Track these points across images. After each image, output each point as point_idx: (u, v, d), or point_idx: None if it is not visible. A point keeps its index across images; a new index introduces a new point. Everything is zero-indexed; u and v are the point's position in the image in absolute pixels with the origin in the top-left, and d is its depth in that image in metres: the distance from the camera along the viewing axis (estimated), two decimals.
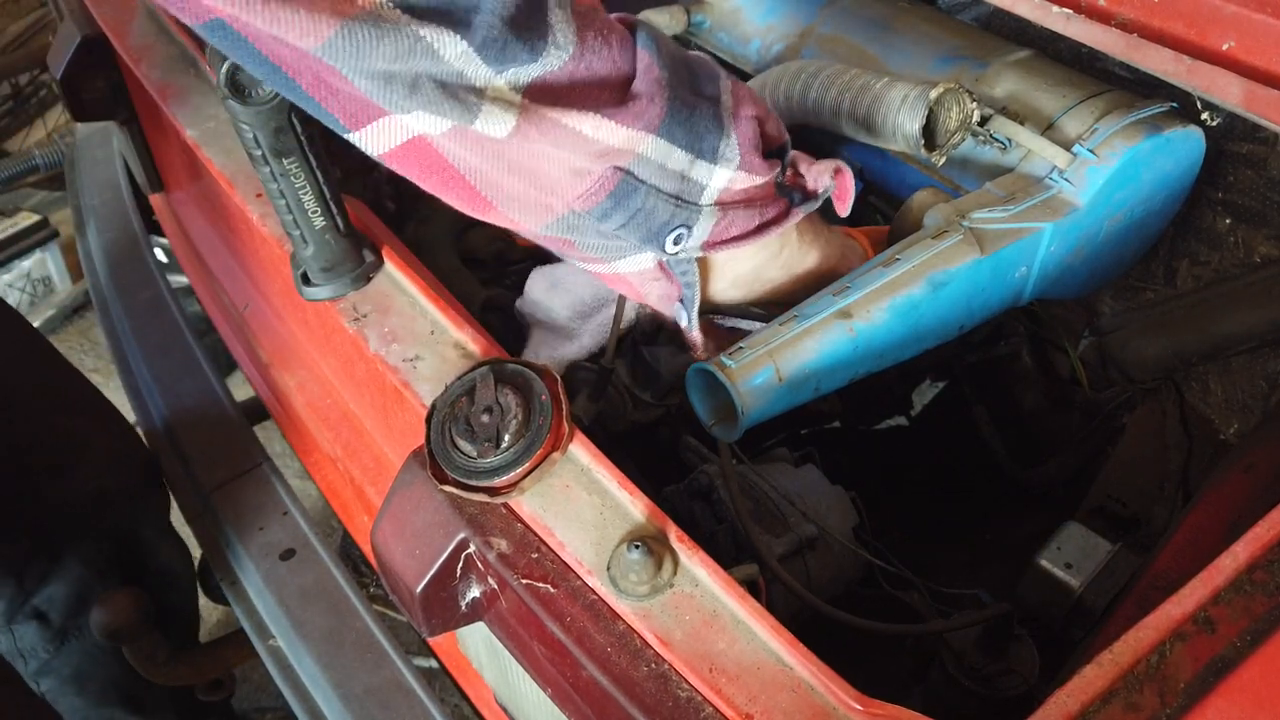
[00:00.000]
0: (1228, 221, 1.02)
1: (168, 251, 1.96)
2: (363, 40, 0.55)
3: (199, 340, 1.50)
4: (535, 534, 0.71)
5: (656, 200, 0.70)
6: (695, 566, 0.67)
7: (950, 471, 1.34)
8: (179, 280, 1.73)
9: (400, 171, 0.67)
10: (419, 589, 0.72)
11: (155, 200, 1.62)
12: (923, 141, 0.94)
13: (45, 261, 3.01)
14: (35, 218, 2.98)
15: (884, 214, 1.16)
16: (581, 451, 0.74)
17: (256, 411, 1.47)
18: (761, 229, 0.78)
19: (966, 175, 1.00)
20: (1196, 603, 0.60)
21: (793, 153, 0.80)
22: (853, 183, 0.83)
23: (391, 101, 0.60)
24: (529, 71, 0.61)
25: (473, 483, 0.71)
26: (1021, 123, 0.96)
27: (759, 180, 0.75)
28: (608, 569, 0.67)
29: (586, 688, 0.65)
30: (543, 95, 0.63)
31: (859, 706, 0.59)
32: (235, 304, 1.32)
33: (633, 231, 0.72)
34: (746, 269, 0.84)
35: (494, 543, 0.70)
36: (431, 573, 0.72)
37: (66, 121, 3.36)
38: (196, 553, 1.42)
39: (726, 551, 0.95)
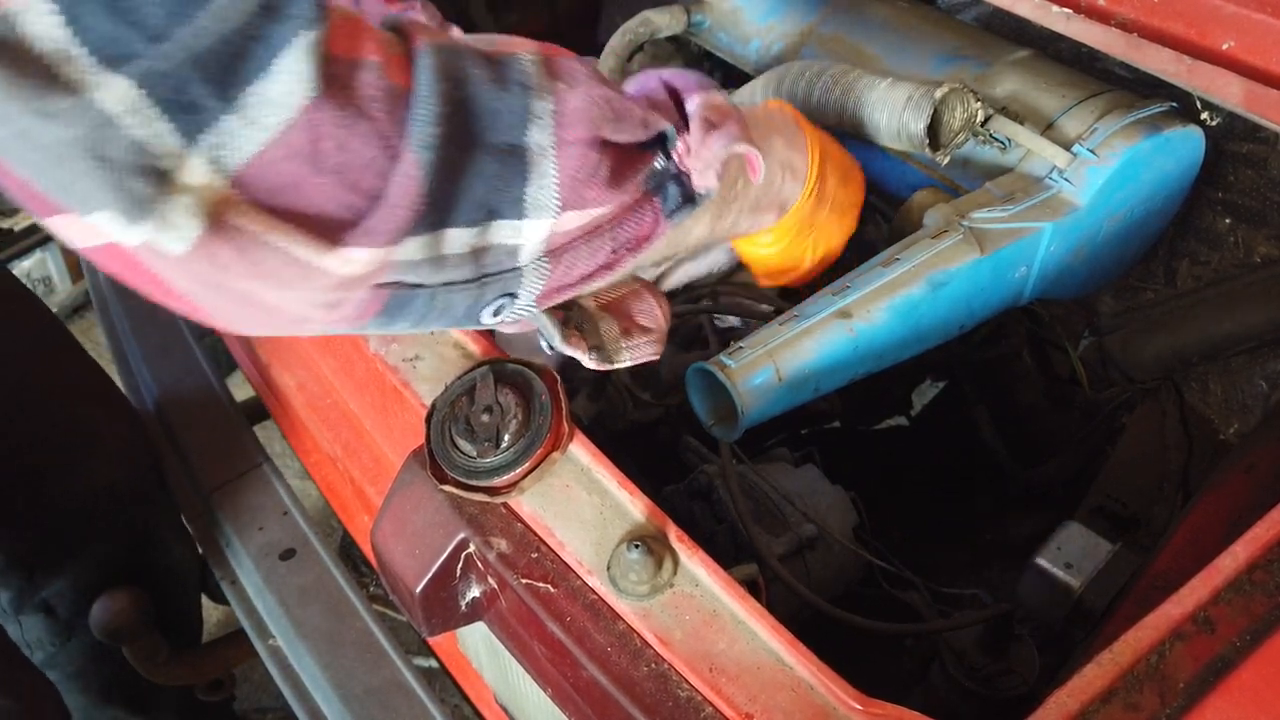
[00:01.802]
0: (1228, 221, 1.02)
1: None
2: None
3: (199, 340, 1.49)
4: (535, 534, 0.71)
5: (448, 295, 0.57)
6: (695, 566, 0.67)
7: (950, 471, 1.34)
8: None
9: (109, 274, 0.51)
10: (419, 589, 0.72)
11: None
12: (927, 142, 0.94)
13: (45, 261, 3.00)
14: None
15: (884, 214, 1.16)
16: (581, 451, 0.74)
17: (256, 411, 1.47)
18: (617, 257, 0.63)
19: (966, 175, 1.00)
20: (1196, 603, 0.60)
21: (698, 100, 0.64)
22: (760, 162, 0.71)
23: (53, 186, 0.43)
24: (241, 142, 0.44)
25: (472, 482, 0.71)
26: (1021, 123, 0.96)
27: (601, 210, 0.60)
28: (607, 569, 0.67)
29: (586, 687, 0.65)
30: (262, 187, 0.46)
31: (859, 706, 0.59)
32: None
33: (434, 324, 0.60)
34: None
35: (494, 542, 0.70)
36: (431, 573, 0.72)
37: None
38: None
39: (726, 551, 0.95)
